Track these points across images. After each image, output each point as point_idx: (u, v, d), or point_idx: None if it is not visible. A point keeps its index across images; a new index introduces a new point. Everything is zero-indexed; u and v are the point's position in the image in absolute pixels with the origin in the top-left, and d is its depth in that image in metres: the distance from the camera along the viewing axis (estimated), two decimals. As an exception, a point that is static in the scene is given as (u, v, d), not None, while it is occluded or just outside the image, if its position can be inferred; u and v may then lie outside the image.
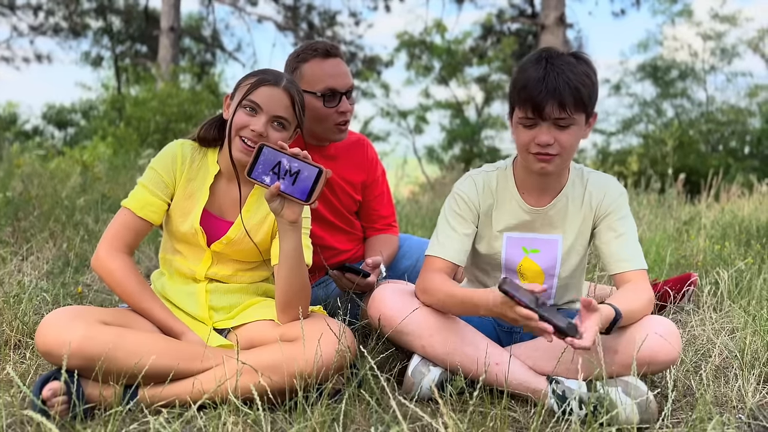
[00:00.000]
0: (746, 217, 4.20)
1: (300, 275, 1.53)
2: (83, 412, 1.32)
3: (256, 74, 1.64)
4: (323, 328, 1.46)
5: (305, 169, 1.42)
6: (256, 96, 1.58)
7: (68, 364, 1.31)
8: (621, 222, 1.62)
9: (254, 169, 1.45)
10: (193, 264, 1.66)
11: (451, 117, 17.53)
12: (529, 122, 1.50)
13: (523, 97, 1.48)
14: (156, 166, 1.64)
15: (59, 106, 18.27)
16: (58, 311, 1.40)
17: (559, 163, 1.53)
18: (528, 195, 1.65)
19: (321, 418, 1.27)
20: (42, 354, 1.36)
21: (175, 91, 8.82)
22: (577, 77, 1.46)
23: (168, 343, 1.45)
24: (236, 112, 1.59)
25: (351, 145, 2.19)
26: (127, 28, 18.41)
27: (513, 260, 1.67)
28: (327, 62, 1.98)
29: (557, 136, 1.49)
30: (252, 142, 1.57)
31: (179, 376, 1.42)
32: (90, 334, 1.36)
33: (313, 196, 1.42)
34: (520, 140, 1.53)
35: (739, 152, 14.65)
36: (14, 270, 2.52)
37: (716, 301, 2.36)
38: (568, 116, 1.46)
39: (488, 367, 1.49)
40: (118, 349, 1.36)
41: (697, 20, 16.84)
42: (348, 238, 2.18)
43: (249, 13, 15.94)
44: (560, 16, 7.96)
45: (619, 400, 1.37)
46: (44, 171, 4.73)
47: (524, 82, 1.48)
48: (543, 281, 1.68)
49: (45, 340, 1.35)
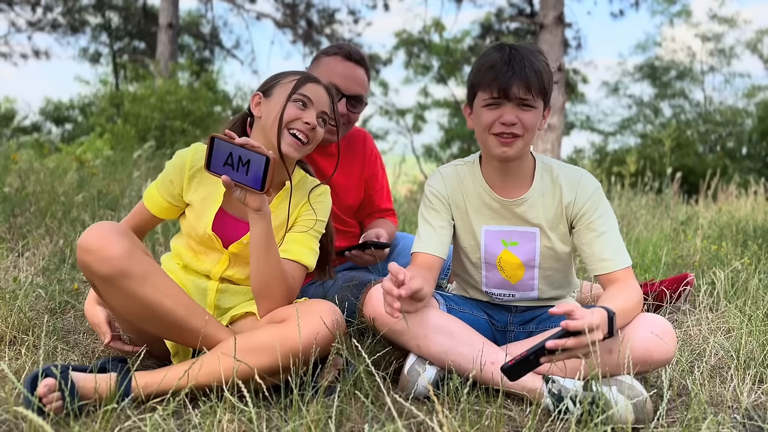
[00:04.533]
0: (743, 218, 4.21)
1: (270, 264, 1.51)
2: (77, 408, 1.32)
3: (296, 73, 1.67)
4: (311, 306, 1.48)
5: (254, 158, 1.43)
6: (307, 90, 1.62)
7: (98, 272, 1.36)
8: (600, 220, 1.61)
9: (211, 161, 1.45)
10: (209, 264, 1.66)
11: (449, 116, 17.53)
12: (493, 103, 1.55)
13: (489, 78, 1.54)
14: (169, 167, 1.69)
15: (57, 102, 18.21)
16: (109, 223, 1.44)
17: (520, 146, 1.57)
18: (497, 187, 1.67)
19: (316, 415, 1.27)
20: (80, 251, 1.38)
21: (173, 88, 8.78)
22: (540, 64, 1.55)
23: (184, 295, 1.47)
24: (285, 107, 1.60)
25: (350, 139, 2.20)
26: (125, 24, 18.35)
27: (493, 253, 1.69)
28: (344, 63, 2.04)
29: (521, 116, 1.54)
30: (304, 135, 1.60)
31: (181, 331, 1.45)
32: (133, 251, 1.40)
33: (266, 183, 1.43)
34: (484, 121, 1.57)
35: (736, 153, 14.69)
36: (10, 266, 2.51)
37: (712, 301, 2.37)
38: (531, 98, 1.54)
39: (484, 366, 1.49)
40: (149, 279, 1.40)
41: (696, 21, 16.90)
42: (342, 236, 2.18)
43: (247, 10, 15.89)
44: (559, 16, 7.96)
45: (614, 399, 1.37)
46: (41, 167, 4.71)
47: (491, 63, 1.55)
48: (523, 274, 1.69)
49: (89, 239, 1.38)
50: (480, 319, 1.72)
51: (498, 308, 1.77)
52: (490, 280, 1.73)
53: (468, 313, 1.71)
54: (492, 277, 1.73)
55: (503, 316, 1.76)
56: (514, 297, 1.73)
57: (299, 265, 1.62)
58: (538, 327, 1.71)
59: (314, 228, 1.67)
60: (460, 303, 1.73)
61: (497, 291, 1.74)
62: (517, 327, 1.75)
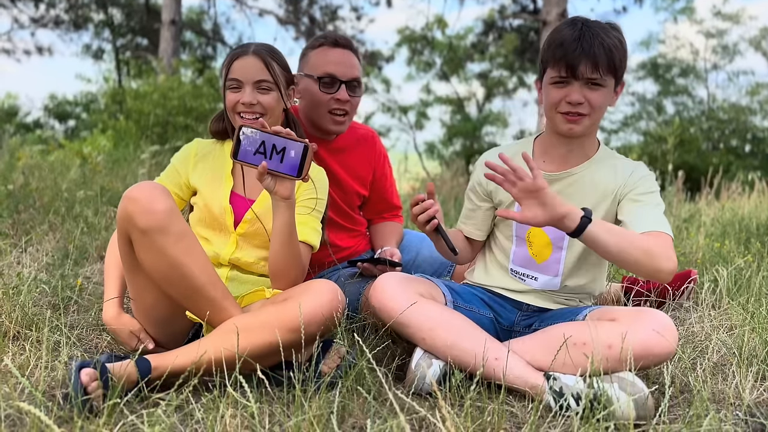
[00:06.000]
0: (746, 215, 4.20)
1: (291, 249, 1.57)
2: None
3: (228, 54, 1.75)
4: (312, 285, 1.52)
5: (291, 145, 1.45)
6: (233, 72, 1.69)
7: (139, 222, 1.39)
8: (648, 196, 1.58)
9: (239, 151, 1.47)
10: (218, 248, 1.71)
11: (451, 113, 17.49)
12: (561, 81, 1.55)
13: (558, 55, 1.53)
14: (174, 159, 1.81)
15: (61, 98, 18.24)
16: (155, 182, 1.50)
17: (587, 125, 1.58)
18: (549, 163, 1.67)
19: (318, 411, 1.27)
20: (126, 200, 1.42)
21: (175, 85, 8.78)
22: (611, 41, 1.53)
23: (209, 264, 1.49)
24: (225, 95, 1.71)
25: (359, 140, 2.19)
26: (128, 20, 18.35)
27: (524, 227, 1.70)
28: (333, 50, 2.01)
29: (588, 96, 1.54)
30: (250, 114, 1.67)
31: (199, 298, 1.46)
32: (175, 211, 1.44)
33: (303, 171, 1.46)
34: (551, 99, 1.58)
35: (739, 150, 14.64)
36: (14, 262, 2.52)
37: (715, 298, 2.36)
38: (599, 77, 1.52)
39: (486, 362, 1.50)
40: (183, 241, 1.43)
41: (700, 18, 16.81)
42: (349, 235, 2.18)
43: (250, 6, 15.89)
44: (562, 13, 7.94)
45: (616, 396, 1.37)
46: (44, 163, 4.72)
47: (560, 40, 1.54)
48: (550, 253, 1.68)
49: (137, 191, 1.42)
50: (484, 317, 1.72)
51: (508, 305, 1.75)
52: (517, 256, 1.73)
53: (475, 311, 1.71)
54: (519, 252, 1.72)
55: (512, 314, 1.75)
56: (536, 281, 1.71)
57: (306, 245, 1.68)
58: (540, 326, 1.70)
59: (316, 208, 1.73)
60: (468, 299, 1.73)
61: (522, 270, 1.73)
62: (523, 328, 1.74)
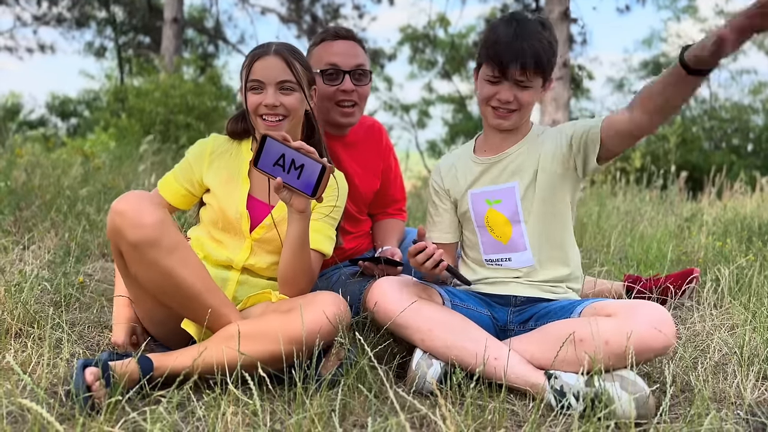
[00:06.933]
0: (748, 215, 4.20)
1: (302, 259, 1.57)
2: None
3: (249, 54, 1.72)
4: (316, 297, 1.51)
5: (310, 164, 1.45)
6: (254, 73, 1.66)
7: (128, 237, 1.36)
8: (571, 122, 1.71)
9: (260, 159, 1.47)
10: (231, 253, 1.69)
11: (453, 111, 17.49)
12: (493, 79, 1.66)
13: (491, 55, 1.64)
14: (188, 154, 1.77)
15: (63, 96, 18.26)
16: (144, 192, 1.46)
17: (516, 119, 1.70)
18: (488, 151, 1.79)
19: (320, 409, 1.27)
20: (114, 213, 1.39)
21: (177, 83, 8.78)
22: (542, 45, 1.63)
23: (205, 272, 1.48)
24: (247, 97, 1.67)
25: (368, 130, 2.19)
26: (130, 18, 18.36)
27: (480, 214, 1.77)
28: (335, 43, 2.01)
29: (517, 95, 1.66)
30: (273, 116, 1.65)
31: (196, 306, 1.45)
32: (165, 222, 1.40)
33: (318, 191, 1.45)
34: (484, 94, 1.70)
35: (742, 149, 14.61)
36: (16, 259, 2.53)
37: (716, 297, 2.36)
38: (526, 79, 1.63)
39: (487, 361, 1.50)
40: (175, 252, 1.41)
41: (702, 17, 16.77)
42: (353, 237, 2.18)
43: (252, 5, 15.89)
44: (564, 11, 7.92)
45: (617, 395, 1.37)
46: (47, 161, 4.73)
47: (494, 39, 1.64)
48: (511, 231, 1.73)
49: (124, 204, 1.38)
50: (483, 315, 1.72)
51: (498, 303, 1.76)
52: (486, 244, 1.77)
53: (473, 309, 1.71)
54: (486, 241, 1.77)
55: (503, 312, 1.75)
56: (511, 261, 1.74)
57: (318, 253, 1.67)
58: (536, 324, 1.70)
59: (330, 215, 1.71)
60: (464, 299, 1.73)
61: (495, 256, 1.76)
62: (517, 326, 1.74)
